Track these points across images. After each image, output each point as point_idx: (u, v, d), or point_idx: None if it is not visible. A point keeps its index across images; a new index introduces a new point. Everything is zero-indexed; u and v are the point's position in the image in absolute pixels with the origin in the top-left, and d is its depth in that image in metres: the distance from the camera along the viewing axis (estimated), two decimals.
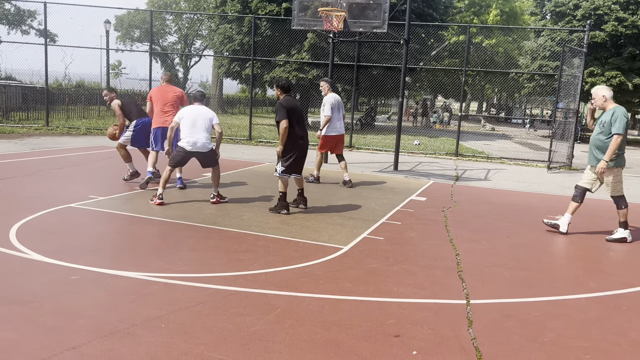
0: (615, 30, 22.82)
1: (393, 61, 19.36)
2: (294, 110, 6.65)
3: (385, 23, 9.62)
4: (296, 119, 6.65)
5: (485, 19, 38.85)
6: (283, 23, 18.80)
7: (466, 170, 12.37)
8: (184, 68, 42.46)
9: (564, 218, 6.74)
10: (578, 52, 14.28)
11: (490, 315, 4.00)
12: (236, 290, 4.18)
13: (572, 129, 14.14)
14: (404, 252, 5.53)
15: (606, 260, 5.65)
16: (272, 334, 3.46)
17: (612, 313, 4.16)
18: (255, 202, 7.44)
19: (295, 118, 6.64)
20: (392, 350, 3.34)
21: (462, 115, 16.13)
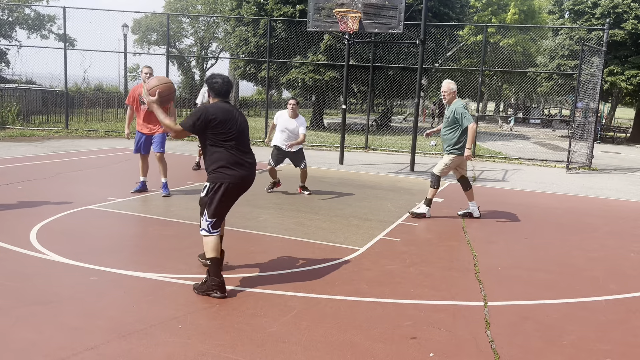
0: (635, 29, 22.44)
1: (409, 61, 19.28)
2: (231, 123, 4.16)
3: (401, 23, 9.59)
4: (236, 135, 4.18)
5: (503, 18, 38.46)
6: (298, 25, 18.85)
7: (484, 171, 12.27)
8: (201, 70, 42.79)
9: (423, 205, 7.23)
10: (597, 50, 14.08)
11: (508, 317, 3.95)
12: (252, 291, 4.19)
13: (591, 129, 13.94)
14: (421, 253, 5.50)
15: (627, 262, 5.55)
16: (288, 335, 3.46)
17: (633, 316, 4.09)
18: (271, 204, 7.46)
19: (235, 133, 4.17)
20: (408, 352, 3.33)
21: (479, 115, 15.99)
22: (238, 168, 4.16)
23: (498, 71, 34.77)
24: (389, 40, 16.49)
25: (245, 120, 4.34)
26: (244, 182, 4.25)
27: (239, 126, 4.22)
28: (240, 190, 4.28)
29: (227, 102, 4.30)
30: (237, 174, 4.15)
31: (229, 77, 4.42)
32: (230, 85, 4.30)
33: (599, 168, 13.88)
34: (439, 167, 7.22)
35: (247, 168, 4.23)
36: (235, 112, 4.26)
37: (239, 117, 4.26)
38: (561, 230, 6.84)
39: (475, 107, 16.08)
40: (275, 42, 19.68)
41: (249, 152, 4.31)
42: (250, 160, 4.28)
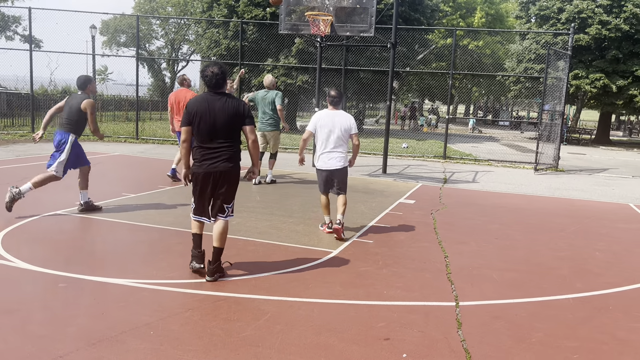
0: (599, 34, 23.12)
1: (380, 65, 19.43)
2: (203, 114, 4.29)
3: (372, 27, 9.66)
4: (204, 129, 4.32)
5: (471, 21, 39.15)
6: (270, 27, 18.82)
7: (454, 173, 12.45)
8: (171, 73, 42.27)
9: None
10: (563, 55, 14.45)
11: (479, 316, 4.02)
12: (226, 295, 4.16)
13: (558, 131, 14.29)
14: (393, 255, 5.54)
15: (593, 261, 5.71)
16: (262, 339, 3.45)
17: (599, 313, 4.21)
18: (243, 208, 7.42)
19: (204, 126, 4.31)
20: (382, 354, 3.35)
21: (448, 118, 16.23)
22: (204, 161, 4.37)
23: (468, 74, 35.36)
24: (360, 43, 16.59)
25: (224, 113, 4.31)
26: (209, 175, 4.38)
27: (213, 119, 4.28)
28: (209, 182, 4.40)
29: (215, 94, 4.35)
30: (204, 167, 4.36)
31: (224, 68, 4.40)
32: (220, 78, 4.32)
33: (566, 169, 14.23)
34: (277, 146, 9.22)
35: (213, 161, 4.35)
36: (218, 104, 4.30)
37: (218, 109, 4.29)
38: (530, 231, 6.99)
39: (446, 110, 16.30)
40: (246, 44, 19.60)
41: (218, 147, 4.35)
42: (217, 154, 4.35)
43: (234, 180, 4.50)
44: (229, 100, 4.37)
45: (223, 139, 4.36)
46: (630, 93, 23.56)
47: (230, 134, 4.38)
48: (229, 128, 4.35)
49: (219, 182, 4.41)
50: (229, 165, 4.39)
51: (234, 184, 4.51)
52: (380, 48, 18.81)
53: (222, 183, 4.42)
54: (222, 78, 4.35)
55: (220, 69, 4.33)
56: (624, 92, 23.75)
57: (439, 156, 15.44)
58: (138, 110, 17.04)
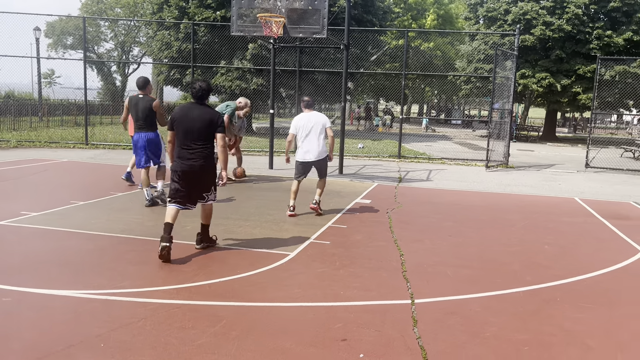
0: (543, 34, 24.00)
1: (335, 66, 19.54)
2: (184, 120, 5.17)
3: (325, 28, 9.70)
4: (183, 132, 5.17)
5: (423, 23, 39.94)
6: (222, 29, 18.61)
7: (409, 172, 12.64)
8: (122, 76, 41.22)
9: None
10: (510, 55, 14.92)
11: (435, 313, 4.08)
12: (180, 303, 4.07)
13: (507, 129, 14.73)
14: (350, 255, 5.57)
15: (541, 254, 5.90)
16: (217, 346, 3.39)
17: (547, 305, 4.35)
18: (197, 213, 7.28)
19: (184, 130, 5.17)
20: (339, 355, 3.35)
21: (403, 118, 16.48)
22: (182, 160, 5.18)
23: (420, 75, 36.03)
24: (314, 45, 16.63)
25: (202, 119, 5.15)
26: (188, 172, 5.18)
27: (192, 124, 5.14)
28: (188, 178, 5.20)
29: (197, 104, 5.24)
30: (182, 165, 5.17)
31: (208, 84, 5.33)
32: (203, 91, 5.23)
33: (515, 165, 14.69)
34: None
35: (189, 160, 5.16)
36: (196, 112, 5.18)
37: (197, 116, 5.15)
38: (482, 227, 7.16)
39: (400, 110, 16.55)
40: (199, 46, 19.31)
41: (194, 147, 5.16)
42: (193, 154, 5.15)
43: (210, 174, 5.33)
44: (206, 110, 5.25)
45: (199, 141, 5.17)
46: (573, 91, 24.56)
47: (205, 137, 5.19)
48: (204, 132, 5.18)
49: (197, 176, 5.22)
50: (203, 163, 5.20)
51: (210, 176, 5.34)
52: (334, 49, 18.93)
53: (199, 177, 5.24)
54: (206, 92, 5.26)
55: (207, 85, 5.28)
56: (568, 90, 24.74)
57: (394, 156, 15.65)
58: (87, 115, 16.51)
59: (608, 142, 23.02)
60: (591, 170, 14.20)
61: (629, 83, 23.28)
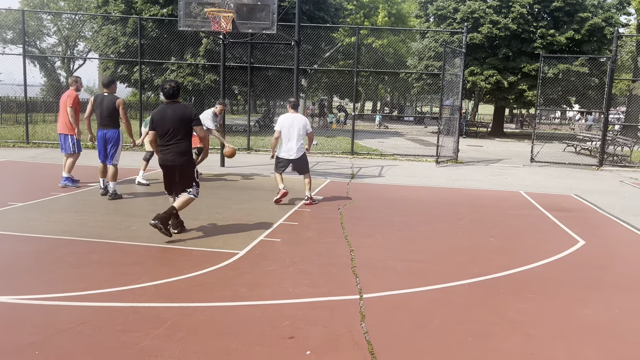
0: (490, 33, 24.66)
1: (287, 63, 19.46)
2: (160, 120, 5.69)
3: (275, 24, 9.61)
4: (161, 131, 5.70)
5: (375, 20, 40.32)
6: (171, 25, 18.20)
7: (361, 168, 12.73)
8: (66, 72, 39.65)
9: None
10: (458, 52, 15.24)
11: (382, 307, 4.11)
12: (122, 306, 3.93)
13: (456, 125, 15.06)
14: (301, 252, 5.54)
15: (487, 247, 6.05)
16: (160, 349, 3.29)
17: (491, 296, 4.45)
18: (145, 211, 7.09)
19: (160, 129, 5.71)
20: (286, 353, 3.32)
21: (355, 115, 16.59)
22: (161, 154, 5.74)
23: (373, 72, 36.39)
24: (265, 41, 16.49)
25: (173, 118, 5.63)
26: (166, 167, 5.75)
27: (165, 123, 5.64)
28: (167, 171, 5.79)
29: (170, 103, 5.70)
30: (160, 158, 5.75)
31: (177, 83, 5.81)
32: (173, 90, 5.70)
33: (465, 161, 15.04)
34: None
35: (166, 154, 5.69)
36: (169, 111, 5.65)
37: (169, 115, 5.63)
38: (431, 221, 7.28)
39: (352, 107, 16.63)
40: (147, 42, 18.80)
41: (169, 142, 5.66)
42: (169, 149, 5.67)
43: (186, 168, 5.76)
44: (178, 107, 5.70)
45: (174, 138, 5.65)
46: (520, 88, 25.37)
47: (179, 134, 5.66)
48: (178, 130, 5.65)
49: (174, 171, 5.74)
50: (179, 158, 5.68)
51: (187, 171, 5.78)
52: (286, 46, 18.82)
53: (176, 172, 5.74)
54: (176, 90, 5.73)
55: (176, 84, 5.76)
56: (514, 88, 25.53)
57: (347, 152, 15.73)
58: (27, 112, 15.80)
59: (552, 137, 23.94)
60: (536, 165, 14.70)
61: (571, 81, 24.25)
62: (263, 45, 19.17)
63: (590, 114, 36.78)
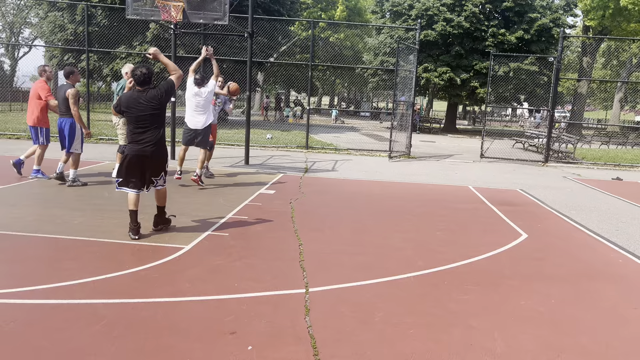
0: (444, 30, 25.11)
1: (242, 55, 19.21)
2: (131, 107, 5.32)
3: (227, 15, 9.46)
4: (134, 119, 5.35)
5: (332, 14, 40.38)
6: (121, 12, 17.64)
7: (315, 162, 12.72)
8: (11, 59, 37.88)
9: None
10: (412, 49, 15.43)
11: (327, 301, 4.10)
12: (58, 303, 3.78)
13: (409, 121, 15.26)
14: (249, 246, 5.48)
15: (434, 240, 6.15)
16: (95, 347, 3.18)
17: (435, 288, 4.53)
18: (89, 205, 6.85)
19: (132, 116, 5.35)
20: (226, 349, 3.27)
21: (310, 109, 16.56)
22: (134, 144, 5.35)
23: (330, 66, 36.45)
24: (218, 32, 16.22)
25: (148, 106, 5.30)
26: (139, 156, 5.35)
27: (139, 110, 5.30)
28: (139, 161, 5.37)
29: (142, 90, 5.32)
30: (133, 149, 5.34)
31: (149, 69, 5.39)
32: (144, 76, 5.31)
33: (417, 156, 15.27)
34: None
35: (141, 144, 5.34)
36: (143, 99, 5.29)
37: (143, 103, 5.29)
38: (381, 215, 7.34)
39: (307, 101, 16.60)
40: (96, 29, 18.18)
41: (145, 132, 5.34)
42: (144, 139, 5.34)
43: (163, 159, 5.55)
44: (151, 92, 5.34)
45: (152, 126, 5.36)
46: (472, 85, 25.97)
47: (153, 121, 5.37)
48: (154, 118, 5.36)
49: (148, 162, 5.41)
50: (157, 149, 5.40)
51: (162, 161, 5.56)
52: (241, 37, 18.57)
53: (150, 163, 5.43)
54: (148, 76, 5.34)
55: (147, 69, 5.35)
56: (467, 85, 26.12)
57: (302, 146, 15.70)
58: None
59: (502, 134, 24.62)
60: (485, 160, 15.09)
61: (522, 79, 25.01)
62: (217, 36, 18.85)
63: (539, 112, 38.08)
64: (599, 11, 24.31)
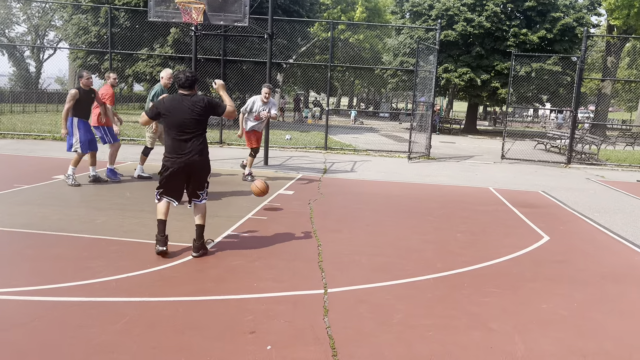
0: (464, 30, 24.90)
1: (262, 56, 19.30)
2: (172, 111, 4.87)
3: (247, 16, 9.52)
4: (174, 125, 4.87)
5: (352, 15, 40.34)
6: (143, 14, 17.89)
7: (334, 163, 12.73)
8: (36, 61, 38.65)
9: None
10: (432, 49, 15.34)
11: (346, 302, 4.11)
12: (80, 300, 3.85)
13: (429, 121, 15.17)
14: (268, 246, 5.50)
15: (454, 242, 6.10)
16: (117, 345, 3.23)
17: (455, 290, 4.49)
18: (112, 205, 6.96)
19: (172, 122, 4.88)
20: (246, 348, 3.29)
21: (329, 110, 16.57)
22: (176, 156, 4.87)
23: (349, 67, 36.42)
24: (238, 33, 16.33)
25: (192, 111, 4.85)
26: (184, 168, 4.90)
27: (182, 116, 4.83)
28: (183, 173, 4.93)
29: (184, 96, 4.89)
30: (177, 161, 4.87)
31: (193, 72, 5.01)
32: (188, 80, 4.91)
33: (436, 157, 15.17)
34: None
35: (185, 155, 4.86)
36: (187, 103, 4.86)
37: (187, 108, 4.85)
38: (400, 216, 7.32)
39: (327, 101, 16.62)
40: (118, 31, 18.46)
41: (189, 140, 4.87)
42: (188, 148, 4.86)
43: (206, 169, 5.08)
44: (197, 98, 4.93)
45: (195, 133, 4.91)
46: (493, 86, 25.70)
47: (197, 127, 4.92)
48: (198, 124, 4.91)
49: (191, 172, 4.96)
50: (199, 157, 4.93)
51: (205, 171, 5.08)
52: (260, 39, 18.68)
53: (194, 173, 4.98)
54: (192, 80, 4.95)
55: (192, 74, 4.96)
56: (487, 85, 25.85)
57: (321, 147, 15.71)
58: None
59: (523, 135, 24.31)
60: (506, 162, 14.92)
61: (544, 79, 24.66)
62: (237, 38, 18.98)
63: (561, 113, 37.51)
64: (623, 10, 23.85)
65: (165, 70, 8.61)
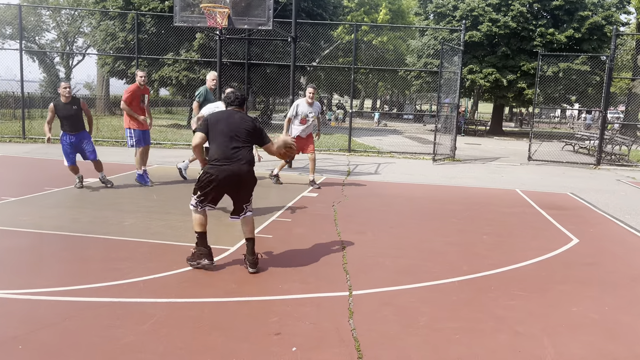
0: (490, 31, 24.60)
1: (285, 59, 19.40)
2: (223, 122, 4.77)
3: (270, 20, 9.59)
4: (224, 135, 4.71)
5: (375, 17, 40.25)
6: (169, 20, 18.17)
7: (358, 165, 12.71)
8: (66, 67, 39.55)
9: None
10: (457, 50, 15.20)
11: (371, 304, 4.09)
12: (109, 301, 3.92)
13: (454, 123, 15.03)
14: (292, 248, 5.52)
15: (480, 244, 6.03)
16: (145, 345, 3.28)
17: (481, 293, 4.44)
18: (139, 207, 7.08)
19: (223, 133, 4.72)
20: (271, 349, 3.30)
21: (352, 112, 16.55)
22: (225, 162, 4.66)
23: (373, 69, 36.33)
24: (262, 37, 16.44)
25: (243, 124, 4.79)
26: (232, 176, 4.68)
27: (235, 127, 4.74)
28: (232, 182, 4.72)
29: (235, 111, 4.91)
30: (225, 169, 4.64)
31: (242, 93, 5.17)
32: (239, 100, 4.97)
33: (462, 159, 15.01)
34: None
35: (235, 162, 4.67)
36: (237, 116, 4.84)
37: (238, 120, 4.80)
38: (424, 218, 7.26)
39: (350, 104, 16.60)
40: (145, 37, 18.78)
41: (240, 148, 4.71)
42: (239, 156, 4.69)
43: (253, 180, 4.90)
44: (247, 116, 4.93)
45: (245, 144, 4.79)
46: (519, 86, 25.31)
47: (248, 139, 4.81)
48: (247, 132, 4.79)
49: (239, 183, 4.77)
50: (249, 167, 4.78)
51: (252, 182, 4.91)
52: (284, 42, 18.78)
53: (242, 184, 4.81)
54: (243, 100, 5.02)
55: (242, 94, 5.04)
56: (513, 86, 25.47)
57: (345, 149, 15.70)
58: (24, 108, 15.79)
59: (550, 136, 23.90)
60: (533, 163, 14.68)
61: (572, 79, 24.18)
62: (261, 42, 19.12)
63: (590, 113, 36.74)
64: None
65: (210, 73, 8.48)
